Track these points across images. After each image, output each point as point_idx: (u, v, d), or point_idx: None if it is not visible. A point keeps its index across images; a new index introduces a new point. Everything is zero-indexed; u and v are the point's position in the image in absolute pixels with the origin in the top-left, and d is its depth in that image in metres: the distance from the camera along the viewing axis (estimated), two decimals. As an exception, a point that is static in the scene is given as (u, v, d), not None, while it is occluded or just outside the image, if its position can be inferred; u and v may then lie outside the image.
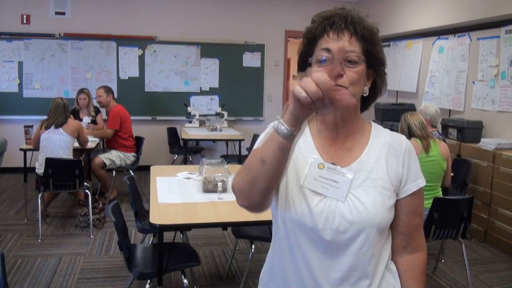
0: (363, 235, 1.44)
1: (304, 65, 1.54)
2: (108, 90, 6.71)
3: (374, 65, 1.50)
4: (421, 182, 1.55)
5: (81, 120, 6.94)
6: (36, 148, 5.61)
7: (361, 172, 1.50)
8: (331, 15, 1.46)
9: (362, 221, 1.44)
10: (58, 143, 5.43)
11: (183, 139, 7.58)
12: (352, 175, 1.48)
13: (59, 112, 5.47)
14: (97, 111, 7.27)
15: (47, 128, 5.44)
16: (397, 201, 1.53)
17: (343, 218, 1.44)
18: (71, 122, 5.60)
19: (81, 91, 7.11)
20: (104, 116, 7.33)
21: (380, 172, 1.50)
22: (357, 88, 1.44)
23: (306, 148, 1.55)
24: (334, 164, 1.51)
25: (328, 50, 1.42)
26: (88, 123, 6.91)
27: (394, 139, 1.57)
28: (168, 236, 3.43)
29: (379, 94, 1.60)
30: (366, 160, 1.52)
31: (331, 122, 1.54)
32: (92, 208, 5.55)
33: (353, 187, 1.47)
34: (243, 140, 7.48)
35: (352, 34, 1.44)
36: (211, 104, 9.08)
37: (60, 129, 5.44)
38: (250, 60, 9.21)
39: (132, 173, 6.28)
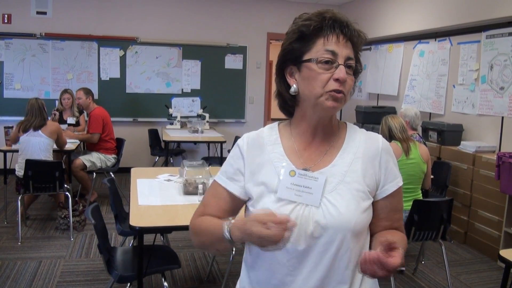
0: (338, 240, 1.43)
1: (285, 64, 1.52)
2: (88, 92, 6.64)
3: (356, 69, 1.50)
4: (399, 181, 1.55)
5: (65, 121, 6.88)
6: (15, 144, 5.59)
7: (334, 176, 1.48)
8: (342, 19, 1.45)
9: (336, 225, 1.42)
10: (37, 146, 5.38)
11: (164, 141, 7.56)
12: (324, 179, 1.46)
13: (36, 114, 5.41)
14: (81, 112, 7.22)
15: (25, 131, 5.38)
16: (376, 201, 1.53)
17: (317, 224, 1.43)
18: (50, 124, 5.55)
19: (65, 91, 7.07)
20: (85, 118, 7.27)
21: (355, 175, 1.48)
22: (349, 94, 1.47)
23: (277, 157, 1.54)
24: (305, 169, 1.50)
25: (333, 53, 1.42)
26: (68, 124, 6.85)
27: (369, 140, 1.55)
28: (148, 239, 3.41)
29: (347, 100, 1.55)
30: (340, 163, 1.50)
31: (308, 126, 1.54)
32: (72, 211, 5.49)
33: (327, 191, 1.45)
34: (224, 142, 7.47)
35: (353, 44, 1.47)
36: (193, 106, 9.06)
37: (39, 131, 5.39)
38: (232, 62, 9.21)
39: (112, 175, 6.24)
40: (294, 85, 1.49)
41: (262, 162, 1.55)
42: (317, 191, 1.45)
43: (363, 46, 1.52)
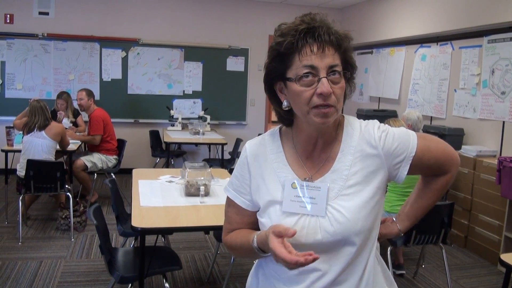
0: (349, 244, 1.44)
1: (272, 81, 1.48)
2: (90, 93, 6.64)
3: (348, 71, 1.45)
4: (411, 153, 1.48)
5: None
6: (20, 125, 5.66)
7: (336, 182, 1.46)
8: (312, 27, 1.37)
9: (345, 231, 1.42)
10: (40, 147, 5.38)
11: (165, 142, 7.56)
12: (326, 187, 1.45)
13: (39, 114, 5.41)
14: (77, 114, 7.20)
15: (29, 131, 5.38)
16: (408, 170, 1.50)
17: (326, 232, 1.43)
18: (54, 125, 5.54)
19: (60, 96, 7.00)
20: (85, 119, 7.25)
21: (356, 176, 1.46)
22: (341, 102, 1.42)
23: (280, 167, 1.53)
24: (306, 179, 1.49)
25: (312, 67, 1.35)
26: (71, 126, 6.85)
27: (367, 131, 1.50)
28: (149, 240, 3.41)
29: (347, 98, 1.51)
30: (340, 167, 1.47)
31: (307, 136, 1.50)
32: (73, 211, 5.49)
33: (331, 198, 1.45)
34: (225, 144, 7.48)
35: (335, 48, 1.39)
36: (194, 108, 9.07)
37: (43, 132, 5.38)
38: (233, 64, 9.22)
39: (113, 176, 6.24)
40: (285, 101, 1.46)
41: (266, 172, 1.54)
42: (321, 201, 1.44)
43: (351, 44, 1.45)
